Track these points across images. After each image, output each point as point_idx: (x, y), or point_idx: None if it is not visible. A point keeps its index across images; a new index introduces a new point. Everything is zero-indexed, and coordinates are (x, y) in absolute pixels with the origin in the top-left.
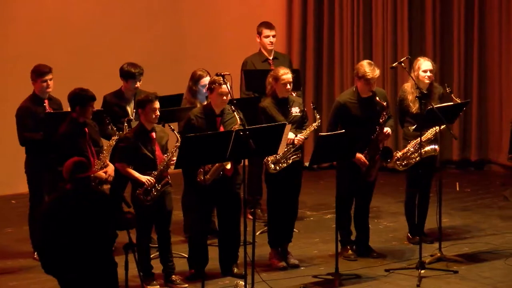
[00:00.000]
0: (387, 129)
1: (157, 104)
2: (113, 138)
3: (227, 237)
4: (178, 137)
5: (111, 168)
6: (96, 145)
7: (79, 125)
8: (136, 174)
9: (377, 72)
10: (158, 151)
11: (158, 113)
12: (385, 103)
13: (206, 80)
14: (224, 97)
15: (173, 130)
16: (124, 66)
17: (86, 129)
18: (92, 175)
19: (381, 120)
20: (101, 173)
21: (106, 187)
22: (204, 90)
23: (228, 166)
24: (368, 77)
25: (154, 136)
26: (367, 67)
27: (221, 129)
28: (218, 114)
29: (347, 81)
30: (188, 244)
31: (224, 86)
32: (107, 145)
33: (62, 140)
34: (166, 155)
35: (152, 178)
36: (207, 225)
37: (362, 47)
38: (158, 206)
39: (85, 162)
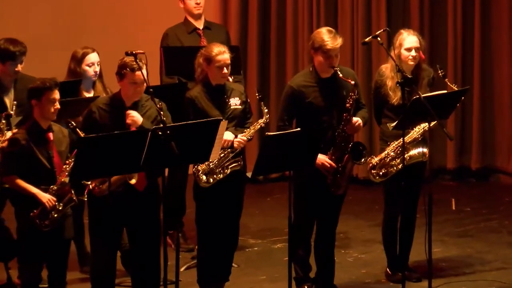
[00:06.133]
0: (356, 119)
1: (56, 94)
2: None
3: (140, 276)
4: (82, 136)
5: None
6: None
7: None
8: (34, 189)
9: (339, 40)
10: (56, 158)
11: (58, 105)
12: (353, 82)
13: (92, 57)
14: (138, 87)
15: (74, 127)
16: (0, 43)
17: None
18: None
19: (348, 105)
20: None
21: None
22: (93, 71)
23: (133, 181)
24: (328, 47)
25: (52, 138)
26: (325, 35)
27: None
28: (129, 106)
29: (303, 62)
30: (91, 281)
31: (138, 72)
32: None
33: None
34: (67, 163)
35: (53, 198)
36: (111, 257)
37: (324, 15)
38: (53, 233)
39: None
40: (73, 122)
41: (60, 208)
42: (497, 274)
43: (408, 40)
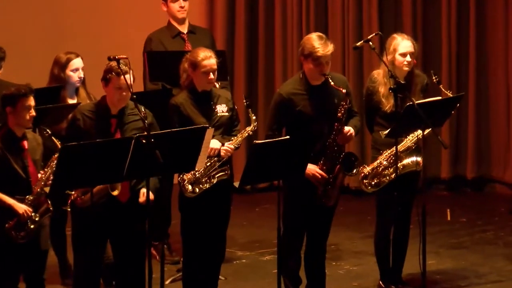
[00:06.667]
0: (348, 129)
1: (32, 101)
2: None
3: None
4: (58, 145)
5: None
6: None
7: None
8: (9, 200)
9: (330, 47)
10: (31, 167)
11: (33, 113)
12: (344, 90)
13: (77, 62)
14: (124, 92)
15: (50, 135)
16: None
17: None
18: None
19: (339, 114)
20: None
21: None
22: (77, 77)
23: (116, 192)
24: (318, 54)
25: (27, 146)
26: (316, 41)
27: (118, 135)
28: (115, 114)
29: (292, 67)
30: None
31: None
32: None
33: None
34: (43, 172)
35: (29, 208)
36: (95, 270)
37: (314, 19)
38: (29, 245)
39: None
40: (48, 130)
41: (37, 219)
42: (492, 287)
43: (403, 45)
